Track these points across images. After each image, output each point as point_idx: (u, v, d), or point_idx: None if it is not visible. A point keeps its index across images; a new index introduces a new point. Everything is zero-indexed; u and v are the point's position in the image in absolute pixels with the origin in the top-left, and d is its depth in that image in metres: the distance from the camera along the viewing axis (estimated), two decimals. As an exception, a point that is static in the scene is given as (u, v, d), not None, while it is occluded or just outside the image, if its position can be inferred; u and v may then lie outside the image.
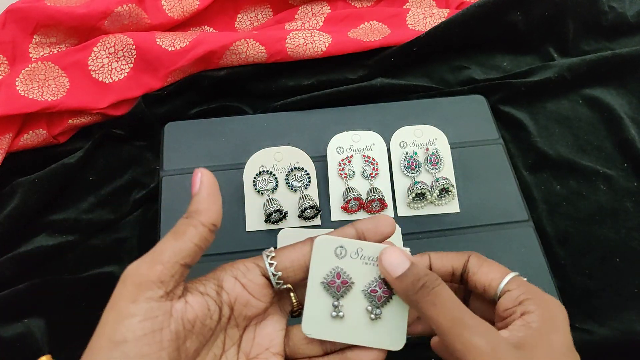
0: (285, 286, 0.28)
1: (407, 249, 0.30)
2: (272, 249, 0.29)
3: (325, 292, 0.29)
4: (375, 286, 0.29)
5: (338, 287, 0.29)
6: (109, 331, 0.23)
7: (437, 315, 0.26)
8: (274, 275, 0.27)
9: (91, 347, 0.24)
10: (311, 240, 0.29)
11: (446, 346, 0.25)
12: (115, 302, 0.24)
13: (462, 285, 0.30)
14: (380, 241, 0.29)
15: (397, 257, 0.28)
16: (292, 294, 0.29)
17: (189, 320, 0.25)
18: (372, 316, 0.29)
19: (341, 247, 0.29)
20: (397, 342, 0.29)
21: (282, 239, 0.44)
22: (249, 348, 0.28)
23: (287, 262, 0.28)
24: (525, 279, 0.29)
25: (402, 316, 0.29)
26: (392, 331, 0.29)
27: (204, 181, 0.27)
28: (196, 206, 0.26)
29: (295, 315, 0.30)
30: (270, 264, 0.27)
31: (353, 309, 0.29)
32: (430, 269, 0.30)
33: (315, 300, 0.29)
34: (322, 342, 0.29)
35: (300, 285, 0.29)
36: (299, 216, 0.46)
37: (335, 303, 0.29)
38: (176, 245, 0.25)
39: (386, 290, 0.29)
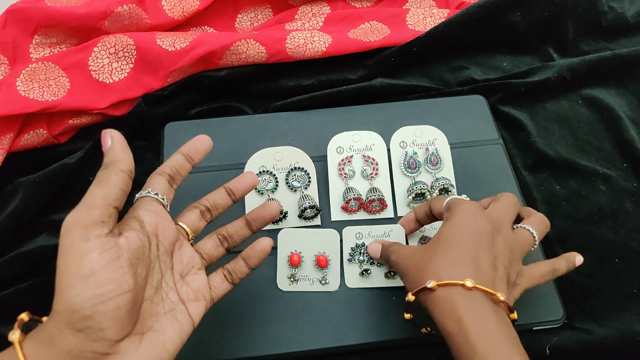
0: (167, 205, 0.34)
1: (464, 196, 0.39)
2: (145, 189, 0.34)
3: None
4: None
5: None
6: (75, 270, 0.26)
7: (391, 262, 0.38)
8: (162, 199, 0.33)
9: (62, 289, 0.26)
10: (156, 176, 0.34)
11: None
12: (68, 247, 0.26)
13: None
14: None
15: (374, 248, 0.42)
16: (184, 226, 0.35)
17: (134, 249, 0.28)
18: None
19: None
20: None
21: (283, 239, 0.44)
22: (180, 268, 0.33)
23: (160, 189, 0.33)
24: (461, 197, 0.39)
25: None
26: None
27: (114, 137, 0.30)
28: (113, 157, 0.29)
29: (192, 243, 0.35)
30: (156, 194, 0.33)
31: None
32: (416, 217, 0.43)
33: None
34: (221, 242, 0.36)
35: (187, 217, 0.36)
36: (299, 216, 0.46)
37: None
38: (104, 190, 0.28)
39: None
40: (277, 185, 0.47)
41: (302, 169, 0.48)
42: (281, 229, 0.45)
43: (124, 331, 0.27)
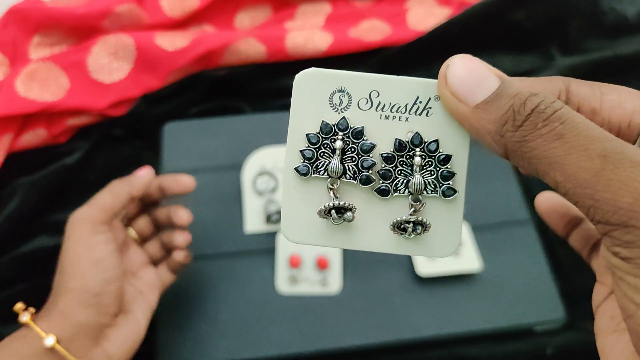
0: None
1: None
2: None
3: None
4: None
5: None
6: (87, 257, 0.32)
7: (569, 152, 0.14)
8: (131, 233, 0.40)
9: (75, 272, 0.32)
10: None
11: (592, 209, 0.14)
12: (79, 237, 0.33)
13: None
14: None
15: (478, 69, 0.16)
16: (132, 233, 0.40)
17: (120, 244, 0.36)
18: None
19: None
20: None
21: (283, 240, 0.44)
22: (129, 266, 0.38)
23: (139, 227, 0.41)
24: None
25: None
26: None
27: (148, 174, 0.38)
28: (135, 183, 0.37)
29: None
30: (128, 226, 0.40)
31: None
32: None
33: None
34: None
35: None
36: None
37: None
38: (114, 201, 0.35)
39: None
40: (277, 185, 0.47)
41: (302, 169, 0.48)
42: (281, 229, 0.45)
43: (119, 308, 0.33)
